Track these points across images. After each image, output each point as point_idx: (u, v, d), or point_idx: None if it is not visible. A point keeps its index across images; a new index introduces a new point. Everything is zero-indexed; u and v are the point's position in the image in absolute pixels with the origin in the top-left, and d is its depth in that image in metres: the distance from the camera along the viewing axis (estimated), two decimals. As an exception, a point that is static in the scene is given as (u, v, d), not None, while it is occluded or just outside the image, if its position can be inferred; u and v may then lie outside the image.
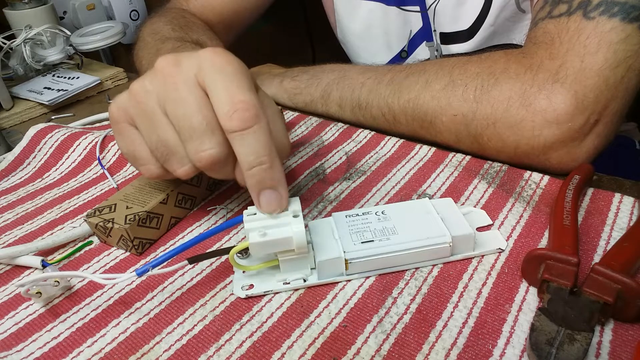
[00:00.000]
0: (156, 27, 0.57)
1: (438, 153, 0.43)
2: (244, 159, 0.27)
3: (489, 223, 0.34)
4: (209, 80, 0.28)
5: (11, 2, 0.69)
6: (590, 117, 0.35)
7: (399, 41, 0.63)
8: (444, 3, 0.56)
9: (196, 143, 0.28)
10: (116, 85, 0.68)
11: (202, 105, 0.28)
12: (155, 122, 0.29)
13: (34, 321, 0.30)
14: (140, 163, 0.32)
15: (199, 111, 0.28)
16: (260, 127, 0.27)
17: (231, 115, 0.27)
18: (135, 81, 0.30)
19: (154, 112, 0.29)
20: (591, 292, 0.26)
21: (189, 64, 0.28)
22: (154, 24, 0.59)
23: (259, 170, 0.28)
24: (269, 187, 0.28)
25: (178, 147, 0.29)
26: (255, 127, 0.27)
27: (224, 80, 0.27)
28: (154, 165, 0.31)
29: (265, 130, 0.27)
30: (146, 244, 0.35)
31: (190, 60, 0.29)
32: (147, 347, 0.27)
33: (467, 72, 0.40)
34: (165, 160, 0.30)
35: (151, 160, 0.31)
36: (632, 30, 0.35)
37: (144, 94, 0.29)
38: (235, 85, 0.27)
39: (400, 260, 0.30)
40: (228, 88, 0.27)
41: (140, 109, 0.29)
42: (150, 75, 0.29)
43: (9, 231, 0.38)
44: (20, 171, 0.47)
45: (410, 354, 0.26)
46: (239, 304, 0.30)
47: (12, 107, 0.61)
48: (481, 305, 0.28)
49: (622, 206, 0.34)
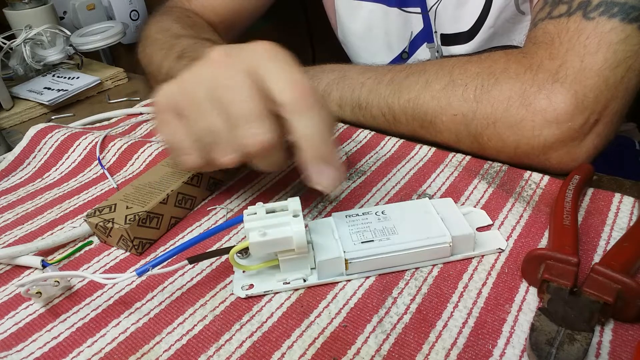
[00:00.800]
0: (164, 25, 0.57)
1: (438, 153, 0.43)
2: (308, 137, 0.29)
3: (489, 223, 0.34)
4: (266, 68, 0.29)
5: (11, 2, 0.69)
6: (590, 117, 0.35)
7: (399, 42, 0.63)
8: (444, 4, 0.56)
9: (248, 128, 0.29)
10: (116, 85, 0.68)
11: (254, 91, 0.28)
12: (204, 110, 0.29)
13: (34, 321, 0.30)
14: (182, 153, 0.32)
15: (251, 97, 0.28)
16: (322, 108, 0.29)
17: (294, 97, 0.28)
18: (184, 71, 0.30)
19: (204, 100, 0.29)
20: (591, 292, 0.26)
21: (243, 54, 0.29)
22: (161, 22, 0.58)
23: (321, 147, 0.29)
24: (330, 162, 0.29)
25: (225, 135, 0.30)
26: (317, 108, 0.28)
27: (282, 67, 0.29)
28: (196, 154, 0.32)
29: (325, 112, 0.29)
30: (146, 244, 0.35)
31: (243, 51, 0.30)
32: (147, 347, 0.27)
33: (467, 72, 0.40)
34: (210, 149, 0.31)
35: (193, 150, 0.31)
36: (631, 31, 0.35)
37: (194, 83, 0.30)
38: (294, 71, 0.29)
39: (400, 260, 0.31)
40: (288, 74, 0.29)
41: (190, 97, 0.30)
42: (201, 65, 0.30)
43: (9, 231, 0.38)
44: (20, 171, 0.47)
45: (410, 354, 0.26)
46: (239, 304, 0.30)
47: (12, 107, 0.61)
48: (481, 305, 0.28)
49: (622, 206, 0.34)
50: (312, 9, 1.13)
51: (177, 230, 0.37)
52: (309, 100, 0.28)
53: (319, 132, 0.29)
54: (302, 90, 0.28)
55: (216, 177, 0.41)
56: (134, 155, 0.45)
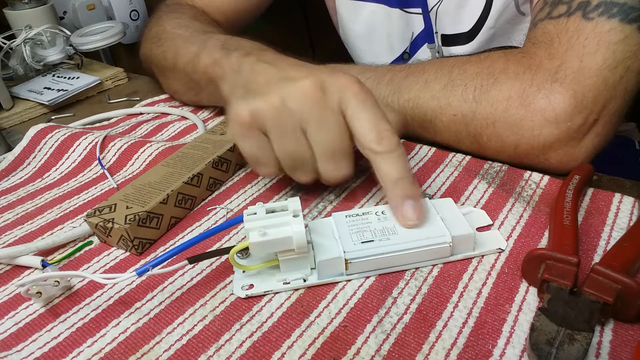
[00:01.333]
0: (182, 22, 0.55)
1: (438, 153, 0.43)
2: (390, 176, 0.31)
3: (489, 223, 0.34)
4: (352, 111, 0.32)
5: (11, 2, 0.69)
6: (589, 117, 0.35)
7: (401, 43, 0.63)
8: (445, 5, 0.56)
9: (335, 164, 0.33)
10: (116, 85, 0.68)
11: (343, 132, 0.32)
12: (294, 138, 0.32)
13: (34, 321, 0.30)
14: (262, 165, 0.35)
15: (341, 138, 0.32)
16: (402, 150, 0.31)
17: (379, 141, 0.31)
18: (273, 93, 0.32)
19: (295, 129, 0.32)
20: (591, 292, 0.26)
21: (333, 91, 0.32)
22: (177, 19, 0.56)
23: (404, 184, 0.31)
24: (412, 197, 0.31)
25: (309, 162, 0.33)
26: (399, 150, 0.31)
27: (367, 111, 0.32)
28: (274, 168, 0.35)
29: (404, 153, 0.32)
30: (146, 244, 0.35)
31: (333, 87, 0.32)
32: (147, 347, 0.27)
33: (467, 72, 0.40)
34: (291, 169, 0.34)
35: (273, 165, 0.35)
36: (630, 31, 0.35)
37: (286, 110, 0.32)
38: (378, 114, 0.32)
39: (400, 260, 0.31)
40: (372, 117, 0.31)
41: (281, 122, 0.32)
42: (294, 94, 0.32)
43: (9, 231, 0.38)
44: (20, 171, 0.47)
45: (410, 354, 0.26)
46: (239, 304, 0.30)
47: (12, 107, 0.61)
48: (481, 305, 0.28)
49: (622, 206, 0.34)
50: (312, 10, 1.13)
51: (177, 230, 0.37)
52: (394, 144, 0.31)
53: (400, 171, 0.31)
54: (389, 135, 0.31)
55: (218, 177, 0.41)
56: (134, 155, 0.45)
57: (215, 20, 0.63)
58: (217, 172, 0.41)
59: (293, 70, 0.34)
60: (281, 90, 0.32)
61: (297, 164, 0.34)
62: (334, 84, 0.32)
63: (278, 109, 0.32)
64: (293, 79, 0.32)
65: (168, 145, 0.46)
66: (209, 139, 0.43)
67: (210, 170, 0.40)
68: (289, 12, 1.14)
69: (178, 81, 0.53)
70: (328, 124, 0.32)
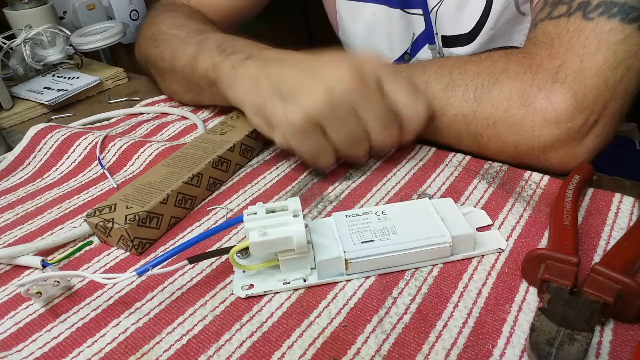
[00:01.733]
0: (177, 22, 0.55)
1: (438, 153, 0.43)
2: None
3: (489, 223, 0.34)
4: (391, 85, 0.37)
5: (11, 2, 0.69)
6: (589, 117, 0.35)
7: (402, 43, 0.63)
8: (446, 6, 0.56)
9: (388, 132, 0.38)
10: (116, 85, 0.68)
11: (388, 107, 0.37)
12: (350, 121, 0.36)
13: (34, 321, 0.30)
14: (321, 158, 0.38)
15: (388, 109, 0.37)
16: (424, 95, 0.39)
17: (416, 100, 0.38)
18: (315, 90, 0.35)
19: (349, 114, 0.36)
20: (591, 292, 0.26)
21: (369, 71, 0.36)
22: (173, 18, 0.56)
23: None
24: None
25: (363, 137, 0.38)
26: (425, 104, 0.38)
27: (400, 82, 0.38)
28: (333, 156, 0.38)
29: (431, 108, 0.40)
30: (146, 244, 0.35)
31: (368, 69, 0.36)
32: (147, 347, 0.27)
33: (467, 72, 0.40)
34: (348, 149, 0.38)
35: (332, 153, 0.38)
36: (631, 31, 0.35)
37: (337, 100, 0.35)
38: (409, 84, 0.38)
39: (400, 260, 0.31)
40: (406, 91, 0.38)
41: (336, 113, 0.36)
42: (339, 84, 0.35)
43: (9, 231, 0.38)
44: (20, 171, 0.47)
45: (410, 354, 0.26)
46: (239, 304, 0.30)
47: (12, 107, 0.61)
48: (481, 305, 0.28)
49: (622, 206, 0.34)
50: (312, 10, 1.13)
51: (177, 230, 0.37)
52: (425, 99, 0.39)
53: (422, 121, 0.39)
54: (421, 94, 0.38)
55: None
56: (134, 155, 0.45)
57: (210, 20, 0.62)
58: (217, 172, 0.41)
59: (317, 63, 0.37)
60: (323, 84, 0.35)
61: (354, 142, 0.37)
62: (367, 66, 0.36)
63: (330, 102, 0.35)
64: (327, 70, 0.36)
65: (168, 145, 0.46)
66: (209, 139, 0.43)
67: (210, 170, 0.40)
68: (288, 12, 1.14)
69: (177, 82, 0.53)
70: (375, 100, 0.36)
